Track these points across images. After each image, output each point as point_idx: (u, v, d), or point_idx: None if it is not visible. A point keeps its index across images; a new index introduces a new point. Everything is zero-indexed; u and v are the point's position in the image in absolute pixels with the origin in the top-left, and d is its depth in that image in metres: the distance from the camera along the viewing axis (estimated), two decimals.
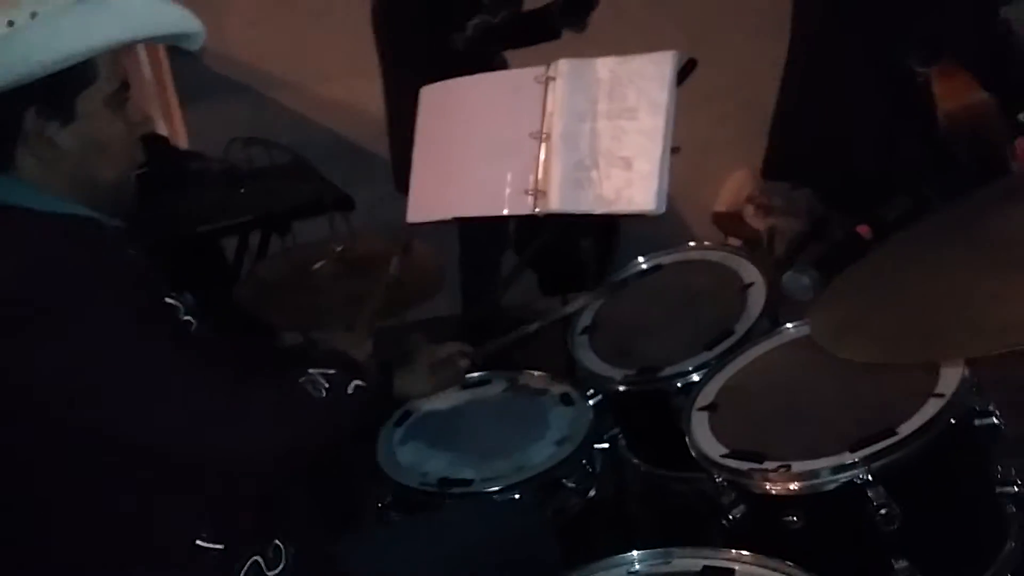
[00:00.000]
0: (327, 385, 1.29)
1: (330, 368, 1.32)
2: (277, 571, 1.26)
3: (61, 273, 1.12)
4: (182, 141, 3.44)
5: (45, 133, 1.17)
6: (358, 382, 1.34)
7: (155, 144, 2.15)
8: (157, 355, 1.16)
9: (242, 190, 2.24)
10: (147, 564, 1.20)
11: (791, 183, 2.72)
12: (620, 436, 1.76)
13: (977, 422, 1.30)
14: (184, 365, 1.18)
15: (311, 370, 1.31)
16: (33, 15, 1.13)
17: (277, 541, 1.27)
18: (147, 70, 3.48)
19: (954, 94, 1.81)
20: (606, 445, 1.73)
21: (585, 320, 1.87)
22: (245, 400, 1.21)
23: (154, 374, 1.15)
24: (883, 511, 1.23)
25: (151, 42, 1.31)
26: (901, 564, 1.26)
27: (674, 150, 1.77)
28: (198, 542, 1.20)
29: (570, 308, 1.83)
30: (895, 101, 1.94)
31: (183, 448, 1.17)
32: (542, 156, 1.83)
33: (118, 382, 1.13)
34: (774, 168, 2.33)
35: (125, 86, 1.25)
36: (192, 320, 1.26)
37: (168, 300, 1.24)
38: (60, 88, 1.17)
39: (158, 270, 1.29)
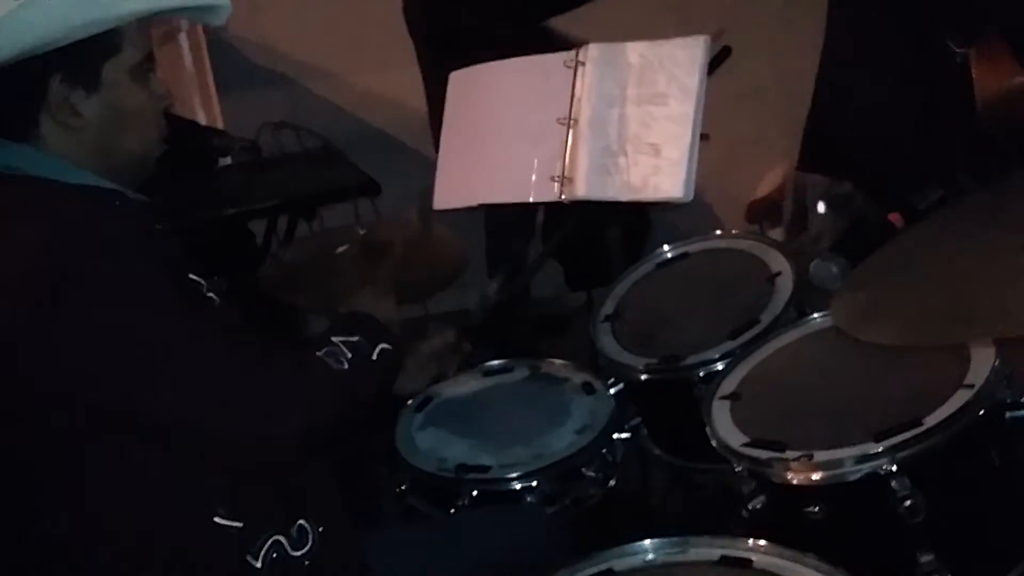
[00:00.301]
0: (350, 355, 1.28)
1: (353, 335, 1.31)
2: (303, 552, 1.25)
3: (84, 245, 1.12)
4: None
5: (70, 100, 1.18)
6: (384, 345, 1.32)
7: (177, 121, 2.17)
8: (180, 329, 1.16)
9: (267, 173, 2.25)
10: (164, 540, 1.19)
11: (830, 176, 2.66)
12: (642, 425, 1.73)
13: (1008, 414, 1.25)
14: (205, 341, 1.17)
15: (334, 338, 1.29)
16: None
17: (302, 521, 1.26)
18: (188, 59, 3.53)
19: (994, 76, 1.74)
20: (627, 435, 1.71)
21: (608, 308, 1.85)
22: (264, 377, 1.20)
23: (175, 348, 1.14)
24: (908, 503, 1.19)
25: (176, 14, 1.31)
26: (926, 558, 1.22)
27: (704, 137, 1.74)
28: (216, 519, 1.19)
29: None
30: (932, 84, 1.88)
31: (201, 424, 1.16)
32: (569, 142, 1.81)
33: (139, 355, 1.12)
34: (810, 160, 2.28)
35: (150, 58, 1.25)
36: (215, 297, 1.26)
37: (192, 276, 1.24)
38: (85, 56, 1.17)
39: (182, 247, 1.29)
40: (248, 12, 3.55)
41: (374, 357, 1.31)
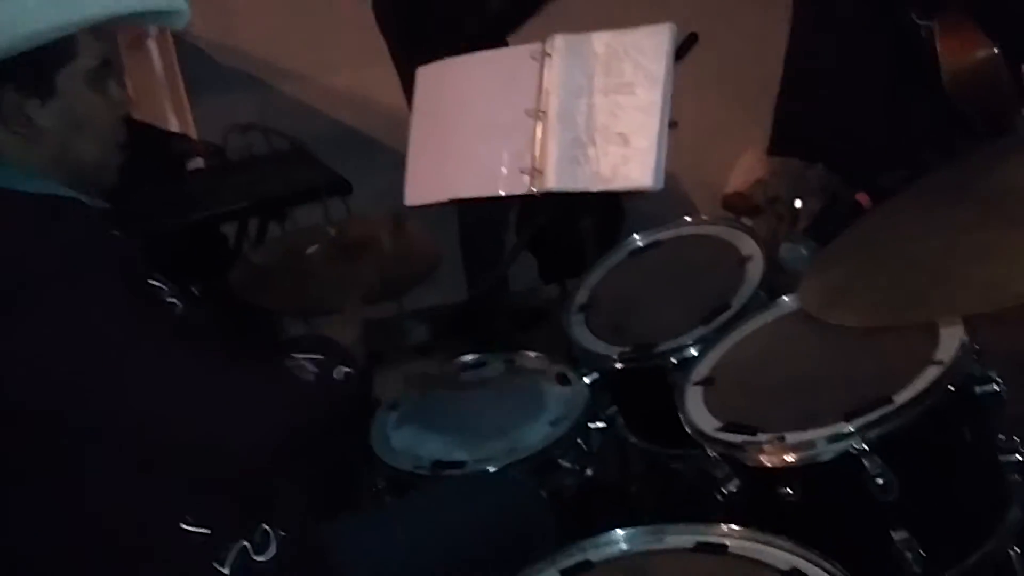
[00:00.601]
0: (315, 370, 1.27)
1: (316, 354, 1.30)
2: (266, 557, 1.24)
3: (38, 254, 1.11)
4: (191, 134, 3.46)
5: (24, 110, 1.16)
6: (346, 369, 1.31)
7: (137, 126, 2.16)
8: (138, 336, 1.14)
9: (236, 176, 2.24)
10: (130, 548, 1.18)
11: (801, 160, 2.67)
12: (618, 414, 1.73)
13: (978, 389, 1.26)
14: (164, 346, 1.16)
15: (296, 355, 1.28)
16: None
17: (265, 526, 1.25)
18: (158, 65, 3.50)
19: (959, 48, 1.73)
20: (603, 424, 1.70)
21: (581, 298, 1.84)
22: (231, 382, 1.19)
23: (134, 355, 1.13)
24: (880, 481, 1.19)
25: (132, 21, 1.29)
26: (900, 535, 1.22)
27: (672, 124, 1.74)
28: (182, 526, 1.18)
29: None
30: (897, 59, 1.87)
31: (164, 431, 1.15)
32: (538, 134, 1.81)
33: (97, 363, 1.11)
34: (780, 144, 2.28)
35: (107, 63, 1.23)
36: (177, 303, 1.24)
37: (152, 282, 1.22)
38: (38, 64, 1.15)
39: (143, 252, 1.27)
40: (217, 15, 3.53)
41: (336, 377, 1.30)
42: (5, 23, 1.11)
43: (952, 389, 1.23)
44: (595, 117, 1.78)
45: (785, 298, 1.51)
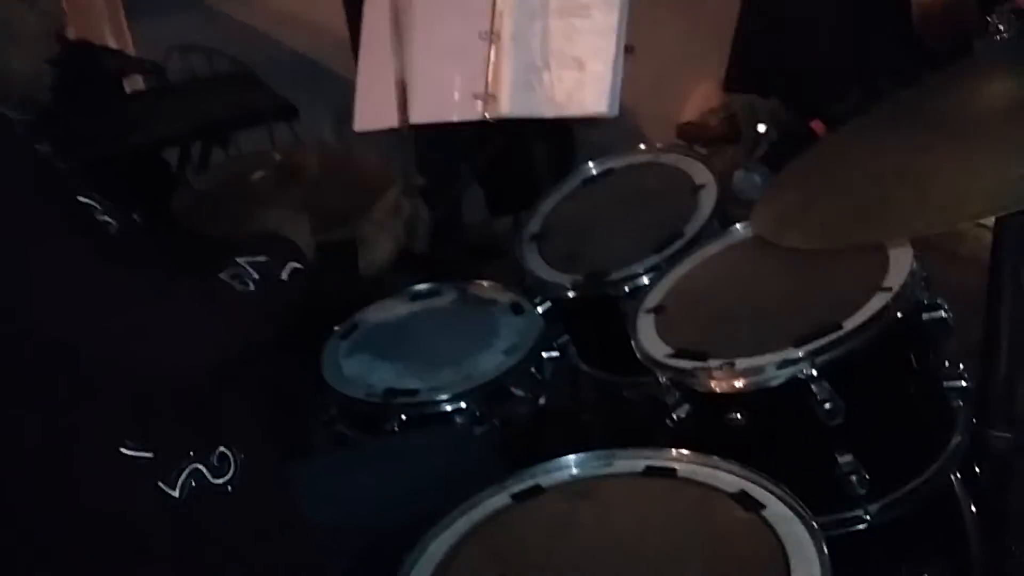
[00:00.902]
0: (256, 276, 1.22)
1: (259, 255, 1.25)
2: (225, 479, 1.22)
3: None
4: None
5: None
6: (295, 264, 1.27)
7: (67, 43, 2.06)
8: (65, 252, 1.09)
9: (177, 99, 2.15)
10: (69, 475, 1.15)
11: (757, 94, 2.65)
12: (570, 343, 1.72)
13: (925, 316, 1.27)
14: (96, 264, 1.11)
15: (239, 259, 1.23)
16: None
17: (223, 448, 1.23)
18: None
19: None
20: (556, 353, 1.70)
21: (534, 227, 1.82)
22: (163, 302, 1.15)
23: (62, 272, 1.08)
24: (827, 405, 1.20)
25: None
26: (845, 458, 1.24)
27: (628, 49, 1.71)
28: (122, 450, 1.15)
29: None
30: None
31: (96, 351, 1.11)
32: (492, 58, 1.77)
33: (23, 280, 1.06)
34: (736, 80, 2.26)
35: None
36: (111, 221, 1.20)
37: (82, 199, 1.17)
38: None
39: (75, 170, 1.22)
40: None
41: (283, 277, 1.26)
42: None
43: (900, 316, 1.24)
44: (550, 41, 1.74)
45: (738, 226, 1.51)
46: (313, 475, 1.43)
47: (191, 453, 1.20)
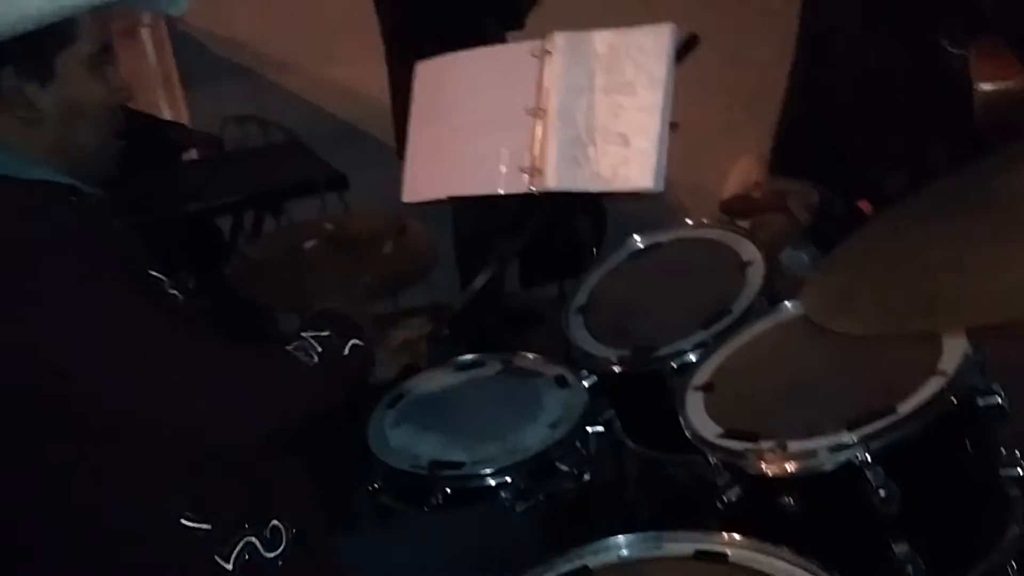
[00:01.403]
0: (320, 349, 1.25)
1: (324, 330, 1.28)
2: (276, 553, 1.23)
3: (34, 240, 1.10)
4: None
5: (24, 93, 1.16)
6: (356, 341, 1.30)
7: (134, 115, 2.14)
8: (136, 325, 1.13)
9: (232, 168, 2.23)
10: (130, 545, 1.17)
11: (805, 180, 2.64)
12: (616, 418, 1.72)
13: (980, 401, 1.25)
14: (166, 336, 1.15)
15: (304, 334, 1.27)
16: None
17: (276, 522, 1.24)
18: (151, 54, 3.48)
19: (995, 75, 1.71)
20: (601, 428, 1.69)
21: (580, 300, 1.83)
22: (230, 372, 1.18)
23: (132, 344, 1.12)
24: (882, 492, 1.18)
25: (133, 5, 1.28)
26: (901, 548, 1.21)
27: (673, 126, 1.73)
28: (183, 521, 1.17)
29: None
30: (917, 82, 1.85)
31: (160, 419, 1.14)
32: (538, 133, 1.80)
33: (93, 352, 1.10)
34: (784, 164, 2.26)
35: (106, 49, 1.23)
36: (178, 294, 1.23)
37: (152, 273, 1.21)
38: (38, 47, 1.15)
39: (143, 243, 1.26)
40: (211, 5, 3.52)
41: (345, 352, 1.29)
42: (7, 4, 1.09)
43: (955, 401, 1.23)
44: (595, 116, 1.77)
45: (787, 304, 1.51)
46: (358, 548, 1.43)
47: (246, 526, 1.22)
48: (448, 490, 1.58)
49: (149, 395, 1.13)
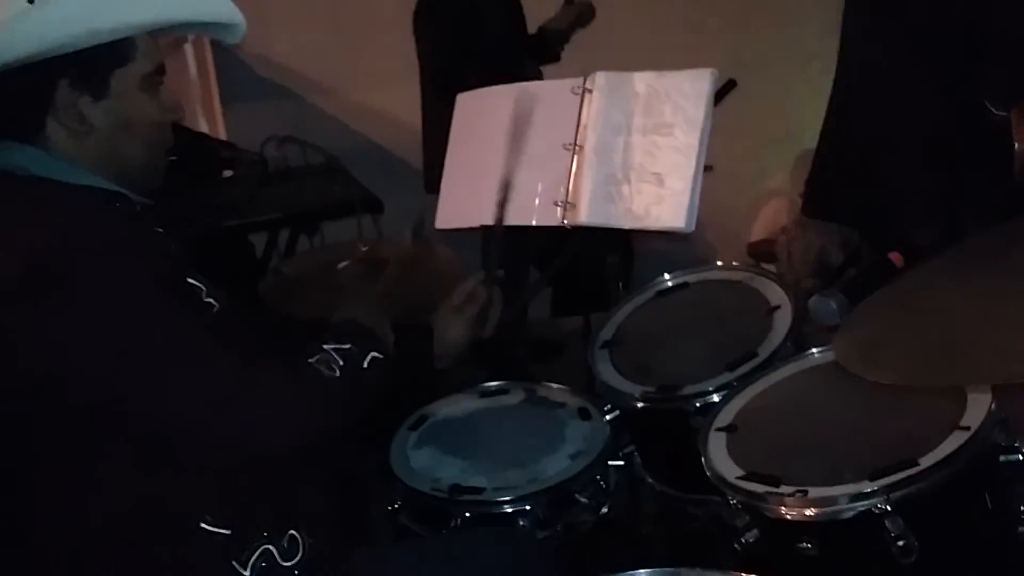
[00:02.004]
0: (341, 362, 1.28)
1: (345, 343, 1.31)
2: (293, 563, 1.25)
3: (83, 244, 1.13)
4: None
5: (77, 106, 1.19)
6: (374, 354, 1.32)
7: (186, 132, 2.19)
8: (174, 330, 1.16)
9: (272, 186, 2.28)
10: (149, 545, 1.19)
11: (836, 222, 2.66)
12: (636, 453, 1.73)
13: (1002, 458, 1.26)
14: (200, 344, 1.18)
15: (326, 346, 1.29)
16: None
17: (294, 532, 1.26)
18: (192, 69, 3.54)
19: None
20: (621, 462, 1.71)
21: (607, 334, 1.85)
22: (256, 383, 1.20)
23: (166, 348, 1.15)
24: (901, 543, 1.20)
25: (190, 30, 1.32)
26: None
27: (707, 168, 1.75)
28: (203, 525, 1.19)
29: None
30: (955, 140, 1.86)
31: (189, 424, 1.16)
32: (574, 168, 1.82)
33: (130, 353, 1.13)
34: (816, 206, 2.28)
35: (160, 70, 1.26)
36: (214, 303, 1.26)
37: (190, 280, 1.24)
38: (95, 63, 1.19)
39: (183, 251, 1.30)
40: (254, 26, 3.58)
41: (365, 365, 1.31)
42: (66, 19, 1.13)
43: (977, 456, 1.24)
44: (631, 155, 1.79)
45: (814, 351, 1.52)
46: (374, 566, 1.44)
47: (265, 534, 1.23)
48: (467, 514, 1.60)
49: (177, 399, 1.15)
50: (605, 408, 1.73)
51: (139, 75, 1.22)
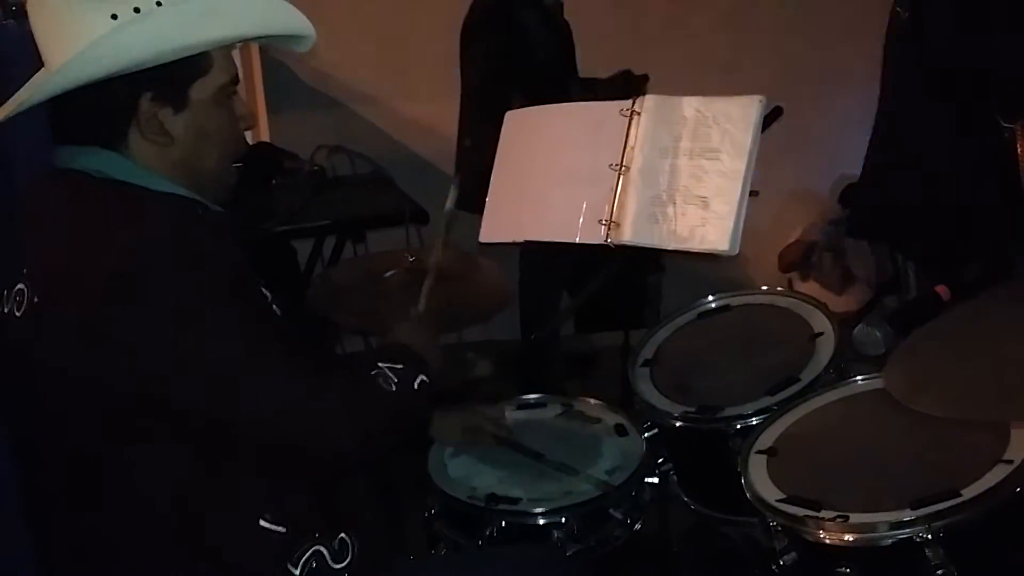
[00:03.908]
0: (395, 380, 1.31)
1: (398, 363, 1.34)
2: (343, 565, 1.28)
3: (166, 248, 1.15)
4: None
5: (158, 117, 1.22)
6: (423, 377, 1.35)
7: (257, 144, 2.24)
8: (250, 338, 1.19)
9: (322, 194, 2.32)
10: (209, 539, 1.22)
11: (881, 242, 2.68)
12: (672, 472, 1.75)
13: None
14: (274, 349, 1.20)
15: (381, 364, 1.32)
16: (158, 3, 1.18)
17: (344, 535, 1.29)
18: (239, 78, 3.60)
19: None
20: (656, 480, 1.72)
21: (647, 353, 1.87)
22: (322, 390, 1.22)
23: (244, 356, 1.17)
24: (940, 572, 1.20)
25: (264, 41, 1.35)
26: None
27: (753, 193, 1.77)
28: (261, 522, 1.22)
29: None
30: (978, 157, 1.89)
31: (260, 428, 1.19)
32: (619, 188, 1.84)
33: (209, 360, 1.15)
34: (860, 227, 2.29)
35: (235, 80, 1.29)
36: (278, 311, 1.30)
37: (261, 289, 1.27)
38: (175, 76, 1.21)
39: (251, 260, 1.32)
40: None
41: (415, 387, 1.34)
42: (150, 38, 1.17)
43: (1020, 490, 1.24)
44: (677, 178, 1.80)
45: (858, 378, 1.53)
46: (407, 571, 1.46)
47: (316, 535, 1.26)
48: (503, 524, 1.62)
49: (256, 405, 1.17)
50: (644, 425, 1.75)
51: (216, 86, 1.25)
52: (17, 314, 1.20)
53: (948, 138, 1.96)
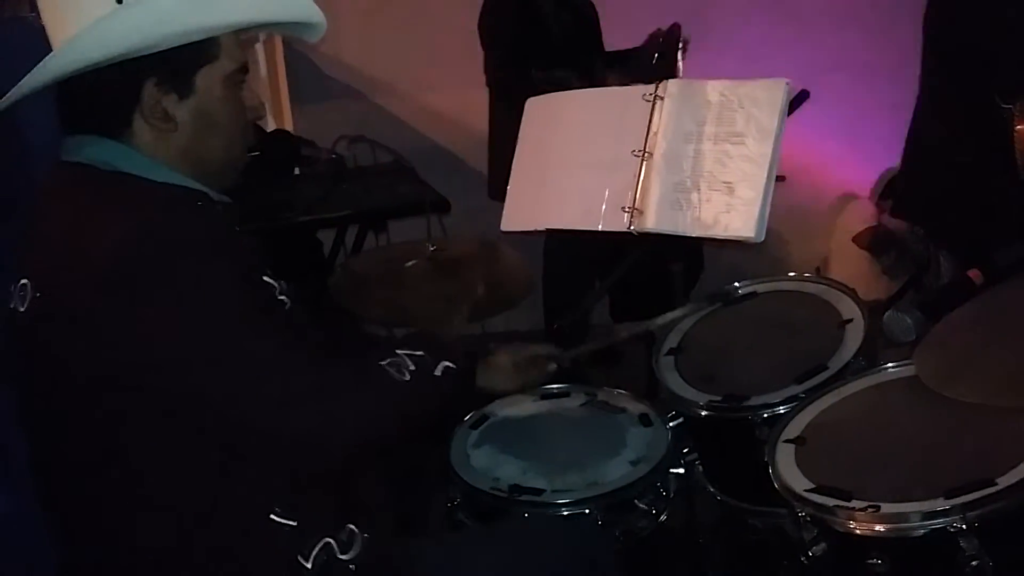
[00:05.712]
0: (412, 367, 1.29)
1: (418, 350, 1.32)
2: (350, 556, 1.27)
3: (164, 241, 1.15)
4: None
5: (162, 104, 1.21)
6: (447, 363, 1.33)
7: (274, 131, 2.24)
8: (251, 327, 1.18)
9: (345, 185, 2.32)
10: (221, 533, 1.22)
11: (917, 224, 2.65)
12: (698, 462, 1.72)
13: None
14: (276, 340, 1.19)
15: (399, 351, 1.31)
16: None
17: (351, 526, 1.28)
18: (262, 66, 3.61)
19: None
20: (682, 470, 1.70)
21: (672, 341, 1.84)
22: (328, 380, 1.22)
23: (246, 347, 1.17)
24: (974, 563, 1.17)
25: (273, 29, 1.34)
26: None
27: (779, 179, 1.74)
28: (272, 516, 1.22)
29: (661, 320, 1.78)
30: (981, 139, 1.87)
31: (266, 421, 1.18)
32: (642, 174, 1.81)
33: (208, 348, 1.15)
34: (905, 208, 2.28)
35: (244, 69, 1.28)
36: (287, 301, 1.28)
37: (266, 279, 1.26)
38: (181, 62, 1.21)
39: (258, 249, 1.32)
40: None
41: (437, 373, 1.33)
42: (153, 21, 1.15)
43: None
44: (702, 163, 1.78)
45: (888, 365, 1.50)
46: (429, 560, 1.45)
47: (327, 527, 1.25)
48: (526, 515, 1.60)
49: (252, 396, 1.17)
50: (669, 415, 1.72)
51: (223, 74, 1.24)
52: (21, 309, 1.20)
53: (952, 113, 1.93)
